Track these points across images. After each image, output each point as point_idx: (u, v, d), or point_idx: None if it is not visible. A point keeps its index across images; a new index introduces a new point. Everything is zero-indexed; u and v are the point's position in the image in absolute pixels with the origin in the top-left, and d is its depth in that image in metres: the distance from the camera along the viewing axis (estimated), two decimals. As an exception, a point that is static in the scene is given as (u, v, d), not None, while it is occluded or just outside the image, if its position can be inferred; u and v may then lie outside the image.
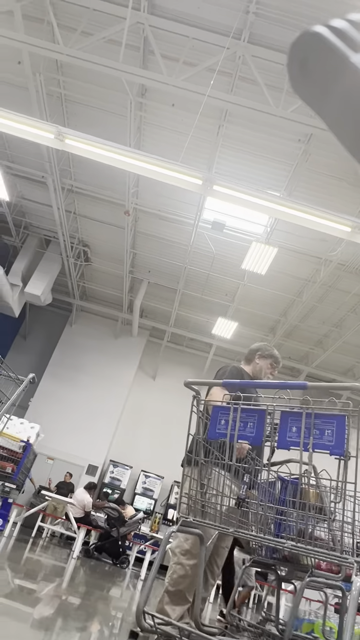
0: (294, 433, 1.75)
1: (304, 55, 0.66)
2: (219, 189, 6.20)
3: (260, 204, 6.32)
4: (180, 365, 14.38)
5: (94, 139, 6.27)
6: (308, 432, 1.70)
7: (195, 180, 6.31)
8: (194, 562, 2.47)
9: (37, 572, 4.76)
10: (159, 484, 13.01)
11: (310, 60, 0.66)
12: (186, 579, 2.46)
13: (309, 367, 13.21)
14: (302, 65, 0.67)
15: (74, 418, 12.94)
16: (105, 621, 3.35)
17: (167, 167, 6.20)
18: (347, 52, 0.63)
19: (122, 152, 6.24)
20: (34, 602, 3.10)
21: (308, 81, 0.67)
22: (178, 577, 2.47)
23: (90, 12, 6.62)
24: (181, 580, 2.46)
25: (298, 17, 6.00)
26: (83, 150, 6.23)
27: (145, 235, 10.87)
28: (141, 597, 1.84)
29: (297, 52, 0.67)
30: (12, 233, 11.94)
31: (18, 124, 6.08)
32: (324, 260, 9.59)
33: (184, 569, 2.47)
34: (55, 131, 5.86)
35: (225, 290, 11.81)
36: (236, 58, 6.60)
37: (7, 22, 6.69)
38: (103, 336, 14.30)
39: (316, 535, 2.08)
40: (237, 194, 6.22)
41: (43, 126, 6.13)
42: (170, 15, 6.50)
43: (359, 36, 0.65)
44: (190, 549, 2.49)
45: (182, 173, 6.23)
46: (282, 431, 1.78)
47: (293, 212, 6.20)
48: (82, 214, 10.85)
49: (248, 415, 1.94)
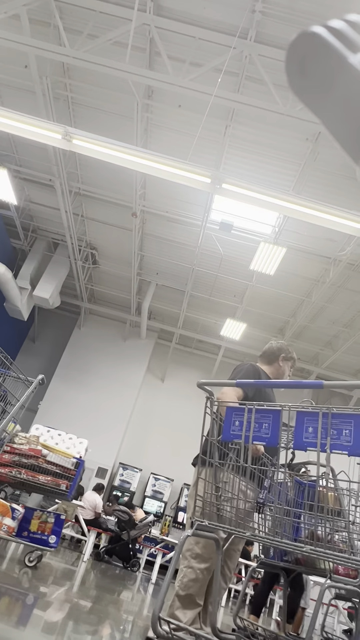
0: (310, 433, 1.70)
1: (302, 56, 0.66)
2: (228, 187, 6.15)
3: (270, 202, 6.24)
4: (188, 367, 14.35)
5: (102, 139, 6.26)
6: (325, 433, 1.66)
7: (204, 179, 6.26)
8: (205, 566, 2.43)
9: (48, 575, 4.74)
10: (168, 487, 12.95)
11: (308, 61, 0.66)
12: (197, 582, 2.42)
13: (319, 368, 13.10)
14: (300, 66, 0.67)
15: (83, 420, 12.94)
16: (117, 625, 3.31)
17: (176, 165, 6.16)
18: (345, 53, 0.63)
19: (130, 151, 6.21)
20: (45, 606, 3.07)
21: (306, 82, 0.67)
22: (189, 581, 2.43)
23: (96, 15, 6.63)
24: (192, 584, 2.42)
25: (305, 15, 5.96)
26: (91, 150, 6.22)
27: (152, 237, 10.85)
28: (157, 603, 1.80)
29: (295, 53, 0.67)
30: (20, 236, 11.98)
31: (26, 125, 6.09)
32: (333, 260, 9.51)
33: (195, 573, 2.43)
34: (63, 131, 5.86)
35: (234, 292, 11.76)
36: (243, 58, 6.56)
37: (13, 26, 6.72)
38: (111, 338, 14.30)
39: (335, 539, 2.03)
40: (246, 192, 6.15)
41: (50, 127, 6.14)
42: (176, 16, 6.49)
43: (357, 37, 0.64)
44: (201, 553, 2.45)
45: (190, 172, 6.19)
46: (297, 432, 1.73)
47: (303, 210, 6.13)
48: (89, 216, 10.87)
49: (263, 416, 1.89)
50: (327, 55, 0.64)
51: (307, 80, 0.67)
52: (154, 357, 14.50)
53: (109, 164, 8.88)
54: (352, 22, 0.66)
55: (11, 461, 4.81)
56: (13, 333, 13.53)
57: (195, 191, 8.96)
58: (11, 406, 3.23)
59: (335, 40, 0.63)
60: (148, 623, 3.71)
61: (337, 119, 0.66)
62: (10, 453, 4.89)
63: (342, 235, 8.68)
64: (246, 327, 11.91)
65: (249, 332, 12.38)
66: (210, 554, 2.38)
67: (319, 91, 0.66)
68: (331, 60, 0.63)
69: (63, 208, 10.05)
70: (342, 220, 6.16)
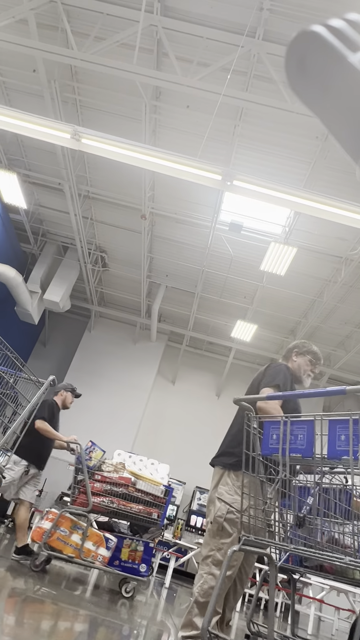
0: (343, 441, 1.66)
1: (302, 55, 0.66)
2: (239, 183, 6.08)
3: (282, 198, 6.16)
4: (199, 369, 14.29)
5: (110, 137, 6.23)
6: (357, 439, 1.61)
7: (215, 176, 6.20)
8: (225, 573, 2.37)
9: (61, 578, 4.71)
10: (180, 490, 12.87)
11: (308, 60, 0.66)
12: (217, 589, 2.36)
13: (332, 369, 12.96)
14: (300, 65, 0.67)
15: (95, 424, 12.93)
16: (132, 630, 3.26)
17: (186, 163, 6.10)
18: (344, 51, 0.63)
19: (139, 149, 6.18)
20: (59, 611, 3.03)
21: (306, 81, 0.67)
22: (209, 588, 2.36)
23: (104, 17, 6.64)
24: (212, 591, 2.35)
25: (313, 12, 5.91)
26: (100, 149, 6.19)
27: (162, 239, 10.83)
28: (205, 618, 1.77)
29: (294, 52, 0.67)
30: (30, 240, 12.04)
31: (34, 125, 6.10)
32: (344, 260, 9.40)
33: (215, 580, 2.37)
34: (72, 131, 5.85)
35: (244, 293, 11.69)
36: (251, 56, 6.52)
37: (22, 30, 6.75)
38: (122, 342, 14.30)
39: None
40: (257, 188, 6.07)
41: (59, 126, 6.13)
42: (183, 16, 6.47)
43: (356, 36, 0.65)
44: (223, 560, 2.39)
45: (201, 169, 6.12)
46: (331, 440, 1.69)
47: (315, 205, 6.03)
48: (99, 219, 10.88)
49: (297, 427, 1.85)
50: (327, 54, 0.64)
51: (306, 79, 0.67)
52: (165, 359, 14.46)
53: (118, 166, 8.92)
54: (351, 21, 0.66)
55: (103, 490, 4.78)
56: (24, 337, 13.58)
57: (205, 192, 8.93)
58: (22, 408, 3.21)
59: (334, 39, 0.64)
60: (162, 629, 3.65)
61: (337, 118, 0.66)
62: (102, 482, 4.85)
63: (354, 234, 8.58)
64: (257, 329, 11.82)
65: (260, 334, 12.28)
66: (232, 561, 2.31)
67: (319, 90, 0.66)
68: (331, 59, 0.63)
69: (72, 211, 10.08)
70: (355, 215, 6.05)
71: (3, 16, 6.54)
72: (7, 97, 8.52)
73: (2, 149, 9.53)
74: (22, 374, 3.36)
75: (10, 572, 4.08)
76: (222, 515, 2.35)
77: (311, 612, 7.70)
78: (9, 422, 3.10)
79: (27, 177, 10.07)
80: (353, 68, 0.62)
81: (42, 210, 11.15)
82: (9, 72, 8.06)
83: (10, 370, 3.23)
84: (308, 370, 2.87)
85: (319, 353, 2.94)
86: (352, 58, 0.62)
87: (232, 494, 2.37)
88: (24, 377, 3.37)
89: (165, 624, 4.17)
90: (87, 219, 10.71)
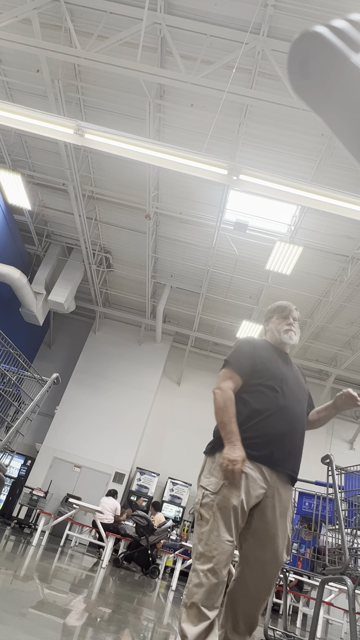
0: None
1: (305, 56, 0.66)
2: (245, 177, 6.00)
3: (289, 192, 6.06)
4: (205, 370, 14.21)
5: (114, 132, 6.18)
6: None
7: (221, 170, 6.11)
8: (207, 567, 1.96)
9: (67, 581, 4.65)
10: (186, 491, 12.79)
11: (311, 60, 0.66)
12: (201, 588, 1.97)
13: (338, 369, 12.86)
14: (303, 66, 0.67)
15: (100, 425, 12.90)
16: (137, 633, 3.20)
17: (191, 157, 6.02)
18: (347, 52, 0.63)
19: (144, 144, 6.10)
20: (64, 613, 2.97)
21: (308, 81, 0.67)
22: (193, 587, 2.01)
23: (107, 15, 6.61)
24: (196, 590, 1.99)
25: (318, 8, 5.85)
26: (104, 144, 6.13)
27: (166, 239, 10.78)
28: (265, 619, 1.66)
29: (297, 52, 0.67)
30: (34, 242, 12.03)
31: (37, 120, 6.06)
32: (350, 258, 9.32)
33: (198, 576, 1.97)
34: (75, 126, 5.81)
35: (249, 293, 11.61)
36: (255, 53, 6.47)
37: (25, 30, 6.74)
38: (127, 342, 14.25)
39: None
40: (264, 182, 5.98)
41: (62, 121, 6.08)
42: (187, 14, 6.44)
43: (359, 36, 0.65)
44: (204, 551, 2.02)
45: (206, 163, 6.04)
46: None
47: (324, 199, 5.94)
48: (103, 220, 10.86)
49: None
50: (330, 54, 0.64)
51: (309, 80, 0.67)
52: (170, 360, 14.40)
53: (122, 166, 8.89)
54: (354, 21, 0.66)
55: None
56: (29, 338, 13.57)
57: (209, 191, 8.88)
58: (25, 406, 3.16)
59: (337, 40, 0.64)
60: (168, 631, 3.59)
61: (340, 118, 0.66)
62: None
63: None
64: (262, 329, 11.72)
65: (266, 334, 12.18)
66: (213, 551, 1.97)
67: (321, 90, 0.66)
68: (333, 60, 0.63)
69: (77, 212, 10.05)
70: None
71: (6, 15, 6.53)
72: (11, 97, 8.51)
73: (6, 150, 9.52)
74: (25, 372, 3.31)
75: (13, 572, 4.03)
76: (199, 502, 2.08)
77: (320, 615, 7.58)
78: (12, 420, 3.05)
79: (32, 177, 10.06)
80: (356, 68, 0.62)
81: (46, 211, 11.13)
82: (12, 72, 8.05)
83: (13, 368, 3.19)
84: (282, 327, 2.59)
85: (282, 304, 2.67)
86: (355, 58, 0.62)
87: (207, 477, 2.15)
88: (27, 375, 3.32)
89: (172, 627, 4.11)
90: (92, 220, 10.68)
